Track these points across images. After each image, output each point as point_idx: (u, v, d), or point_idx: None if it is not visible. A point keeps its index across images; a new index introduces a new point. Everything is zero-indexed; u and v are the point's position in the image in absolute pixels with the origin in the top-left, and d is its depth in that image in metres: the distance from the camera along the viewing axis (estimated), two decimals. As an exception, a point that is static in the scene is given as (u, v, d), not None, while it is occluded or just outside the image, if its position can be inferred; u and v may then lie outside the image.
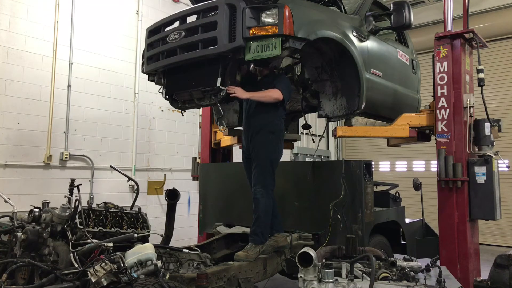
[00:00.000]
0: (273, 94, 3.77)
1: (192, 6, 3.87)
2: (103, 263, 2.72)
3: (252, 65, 4.11)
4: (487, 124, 4.41)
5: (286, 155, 10.33)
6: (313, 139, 5.44)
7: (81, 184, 3.80)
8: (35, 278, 3.12)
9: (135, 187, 5.45)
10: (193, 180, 6.25)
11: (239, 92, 3.62)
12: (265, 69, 4.10)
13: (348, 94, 4.14)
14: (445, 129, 4.39)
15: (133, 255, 2.89)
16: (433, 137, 4.84)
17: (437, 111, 4.46)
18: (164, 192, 4.77)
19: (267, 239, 3.94)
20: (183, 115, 4.87)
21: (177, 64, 3.78)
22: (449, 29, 4.56)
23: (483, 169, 4.27)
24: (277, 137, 3.94)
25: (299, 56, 4.34)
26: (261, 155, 3.88)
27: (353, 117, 4.33)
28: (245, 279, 3.70)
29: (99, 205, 4.09)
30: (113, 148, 7.03)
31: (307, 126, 4.76)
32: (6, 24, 5.82)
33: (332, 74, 4.19)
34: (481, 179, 4.27)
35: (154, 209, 7.45)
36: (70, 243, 3.32)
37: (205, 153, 5.98)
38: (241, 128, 5.05)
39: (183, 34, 3.67)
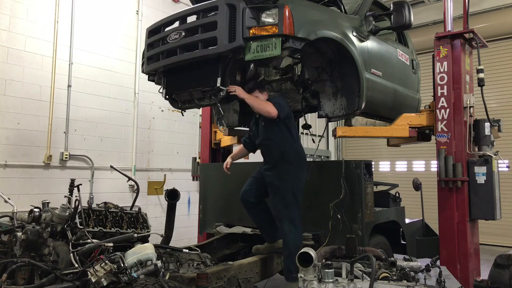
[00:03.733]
0: (268, 108, 3.62)
1: (192, 6, 3.86)
2: (103, 263, 2.72)
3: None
4: (487, 124, 4.40)
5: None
6: (313, 139, 5.44)
7: (81, 184, 3.80)
8: (35, 278, 3.12)
9: (135, 187, 5.46)
10: (193, 180, 6.25)
11: (239, 91, 3.62)
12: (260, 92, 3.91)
13: (348, 94, 4.14)
14: (445, 129, 4.38)
15: (133, 255, 2.90)
16: (433, 137, 4.83)
17: (437, 111, 4.46)
18: (164, 192, 4.77)
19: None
20: (183, 115, 4.87)
21: (177, 64, 3.78)
22: (449, 29, 4.56)
23: (483, 169, 4.26)
24: (296, 165, 3.78)
25: (299, 56, 4.34)
26: (281, 189, 3.75)
27: (353, 117, 4.32)
28: (245, 279, 3.71)
29: (99, 205, 4.10)
30: (113, 148, 7.03)
31: (307, 126, 4.76)
32: (6, 24, 5.82)
33: (332, 74, 4.19)
34: (481, 179, 4.26)
35: (154, 209, 7.45)
36: (70, 243, 3.32)
37: (205, 153, 5.98)
38: (241, 128, 5.07)
39: (183, 34, 3.66)
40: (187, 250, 3.95)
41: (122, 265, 2.76)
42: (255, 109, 3.76)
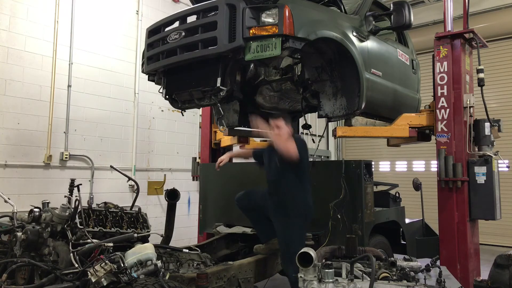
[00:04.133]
0: (292, 151, 3.34)
1: (192, 6, 3.86)
2: (103, 263, 2.72)
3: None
4: (487, 124, 4.40)
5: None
6: (313, 139, 5.43)
7: (81, 184, 3.80)
8: (35, 278, 3.13)
9: (135, 187, 5.46)
10: (193, 180, 6.25)
11: (282, 131, 3.47)
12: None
13: (348, 94, 4.14)
14: (445, 129, 4.38)
15: (133, 255, 2.90)
16: (433, 137, 4.83)
17: (437, 111, 4.46)
18: (164, 192, 4.77)
19: None
20: (183, 115, 4.87)
21: (177, 64, 3.78)
22: (449, 29, 4.55)
23: (483, 169, 4.26)
24: (301, 215, 3.67)
25: (299, 56, 4.34)
26: (284, 235, 3.68)
27: (353, 117, 4.32)
28: (245, 279, 3.71)
29: (99, 205, 4.10)
30: (113, 148, 7.03)
31: (307, 126, 4.76)
32: (6, 24, 5.81)
33: (332, 74, 4.19)
34: (481, 179, 4.26)
35: (154, 209, 7.44)
36: (70, 243, 3.32)
37: (205, 153, 5.98)
38: (241, 128, 5.06)
39: (183, 34, 3.66)
40: (187, 250, 3.95)
41: (122, 265, 2.76)
42: (278, 148, 3.44)
